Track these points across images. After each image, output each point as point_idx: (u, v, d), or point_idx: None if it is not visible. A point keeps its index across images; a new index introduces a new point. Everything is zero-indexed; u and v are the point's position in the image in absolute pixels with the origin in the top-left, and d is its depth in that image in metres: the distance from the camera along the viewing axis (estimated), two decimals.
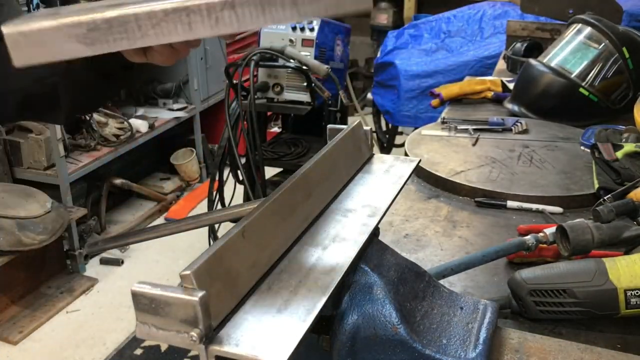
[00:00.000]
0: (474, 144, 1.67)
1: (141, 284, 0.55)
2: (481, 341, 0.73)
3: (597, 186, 1.33)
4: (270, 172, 3.02)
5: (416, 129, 1.81)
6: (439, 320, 0.76)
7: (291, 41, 2.89)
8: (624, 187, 1.16)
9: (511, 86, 2.06)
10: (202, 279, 0.55)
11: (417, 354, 0.70)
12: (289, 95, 2.92)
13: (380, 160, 0.95)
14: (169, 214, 4.05)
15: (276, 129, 4.37)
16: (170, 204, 4.15)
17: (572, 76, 1.83)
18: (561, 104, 1.85)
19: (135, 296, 0.55)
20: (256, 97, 2.83)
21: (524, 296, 0.94)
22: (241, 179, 2.85)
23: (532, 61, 1.94)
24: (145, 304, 0.55)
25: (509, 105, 1.97)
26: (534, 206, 1.33)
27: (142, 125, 3.76)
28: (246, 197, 2.85)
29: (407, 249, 1.19)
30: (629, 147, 1.42)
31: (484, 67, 3.45)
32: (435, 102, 2.13)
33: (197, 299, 0.52)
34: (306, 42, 2.90)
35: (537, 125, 1.80)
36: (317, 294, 0.61)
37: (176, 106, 4.18)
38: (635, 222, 1.02)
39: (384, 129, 4.25)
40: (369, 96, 4.48)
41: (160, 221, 4.01)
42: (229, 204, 3.01)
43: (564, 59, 1.87)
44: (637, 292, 0.89)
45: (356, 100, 5.14)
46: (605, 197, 1.12)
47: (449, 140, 1.69)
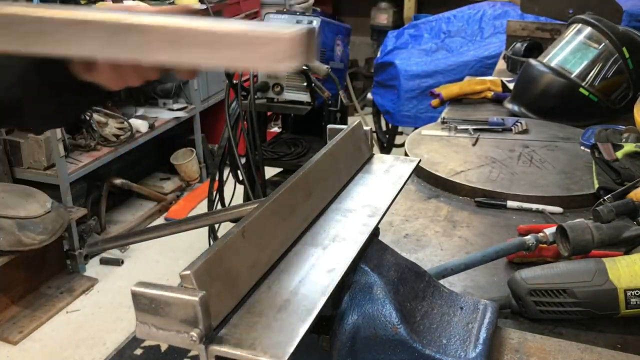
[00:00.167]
0: (474, 144, 1.67)
1: (141, 284, 0.55)
2: (481, 341, 0.73)
3: (597, 186, 1.33)
4: (270, 172, 3.02)
5: (416, 129, 1.81)
6: (439, 320, 0.76)
7: None
8: (624, 187, 1.16)
9: (511, 86, 2.06)
10: (202, 279, 0.55)
11: (417, 354, 0.70)
12: (289, 95, 2.92)
13: (380, 160, 0.95)
14: (169, 214, 4.06)
15: (276, 129, 4.37)
16: (170, 204, 4.15)
17: (572, 76, 1.83)
18: (561, 104, 1.85)
19: (135, 296, 0.55)
20: (256, 97, 2.83)
21: (524, 296, 0.94)
22: (241, 179, 2.86)
23: (532, 61, 1.94)
24: (145, 304, 0.55)
25: (509, 105, 1.97)
26: (534, 206, 1.33)
27: (142, 125, 3.76)
28: (246, 197, 2.85)
29: (407, 249, 1.19)
30: (629, 147, 1.42)
31: (484, 67, 3.45)
32: (435, 102, 2.13)
33: (197, 299, 0.52)
34: None
35: (537, 125, 1.80)
36: (317, 294, 0.61)
37: (176, 106, 4.18)
38: (635, 222, 1.02)
39: (384, 129, 4.25)
40: (369, 96, 4.48)
41: (160, 221, 4.01)
42: (229, 204, 3.01)
43: (564, 59, 1.87)
44: (637, 292, 0.89)
45: (356, 100, 5.14)
46: (605, 197, 1.12)
47: (449, 140, 1.69)
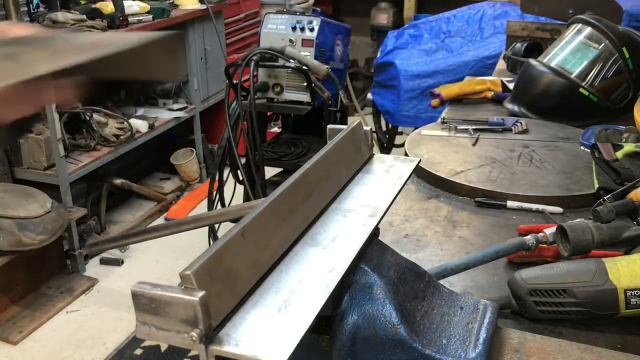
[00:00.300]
0: (474, 144, 1.67)
1: (141, 284, 0.55)
2: (481, 341, 0.73)
3: (597, 186, 1.33)
4: (270, 172, 3.02)
5: (416, 129, 1.81)
6: (439, 320, 0.76)
7: (291, 41, 2.89)
8: (624, 187, 1.16)
9: (511, 86, 2.06)
10: (202, 279, 0.55)
11: (417, 354, 0.70)
12: (289, 95, 2.92)
13: (380, 160, 0.95)
14: (169, 214, 4.06)
15: (276, 129, 4.37)
16: (170, 204, 4.15)
17: (572, 76, 1.83)
18: (561, 104, 1.85)
19: (135, 296, 0.55)
20: (256, 97, 2.83)
21: (524, 296, 0.94)
22: (241, 179, 2.86)
23: (532, 61, 1.94)
24: (145, 304, 0.55)
25: (509, 105, 1.97)
26: (534, 206, 1.33)
27: (142, 125, 3.76)
28: (246, 197, 2.85)
29: (407, 249, 1.19)
30: (629, 147, 1.42)
31: (484, 67, 3.45)
32: (435, 102, 2.13)
33: (197, 299, 0.52)
34: (306, 42, 2.90)
35: (537, 125, 1.80)
36: (317, 294, 0.61)
37: (176, 106, 4.18)
38: (635, 222, 1.02)
39: (384, 129, 4.25)
40: (369, 96, 4.48)
41: (160, 221, 4.01)
42: (229, 204, 3.01)
43: (564, 59, 1.87)
44: (637, 292, 0.89)
45: (356, 100, 5.14)
46: (605, 197, 1.12)
47: (449, 140, 1.69)
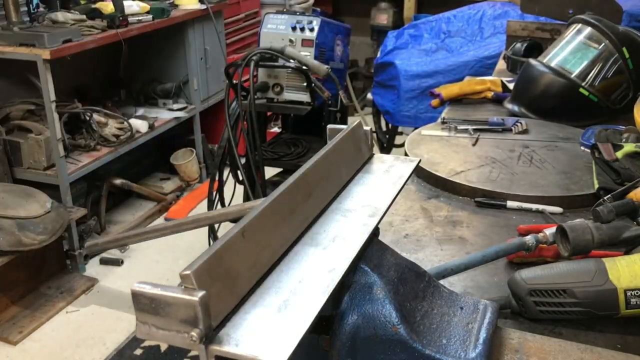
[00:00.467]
0: (474, 144, 1.67)
1: (141, 284, 0.55)
2: (481, 341, 0.73)
3: (597, 186, 1.33)
4: (270, 172, 3.02)
5: (416, 129, 1.81)
6: (439, 320, 0.76)
7: (291, 41, 2.89)
8: (624, 187, 1.16)
9: (511, 86, 2.06)
10: (202, 279, 0.55)
11: (417, 354, 0.70)
12: (289, 95, 2.92)
13: (380, 160, 0.95)
14: (169, 214, 4.05)
15: (276, 129, 4.37)
16: (170, 204, 4.15)
17: (572, 76, 1.83)
18: (561, 104, 1.85)
19: (135, 296, 0.55)
20: (256, 97, 2.83)
21: (524, 296, 0.94)
22: (241, 179, 2.85)
23: (532, 61, 1.94)
24: (145, 303, 0.55)
25: (509, 105, 1.97)
26: (534, 206, 1.33)
27: (142, 125, 3.76)
28: (246, 197, 2.85)
29: (407, 249, 1.19)
30: (629, 147, 1.42)
31: (484, 67, 3.45)
32: (435, 102, 2.13)
33: (197, 299, 0.52)
34: (306, 42, 2.90)
35: (537, 125, 1.80)
36: (317, 294, 0.61)
37: (176, 106, 4.18)
38: (635, 222, 1.02)
39: (384, 129, 4.25)
40: (369, 96, 4.48)
41: (160, 221, 4.01)
42: (229, 204, 3.01)
43: (564, 59, 1.87)
44: (637, 292, 0.89)
45: (356, 100, 5.14)
46: (605, 197, 1.12)
47: (449, 140, 1.69)
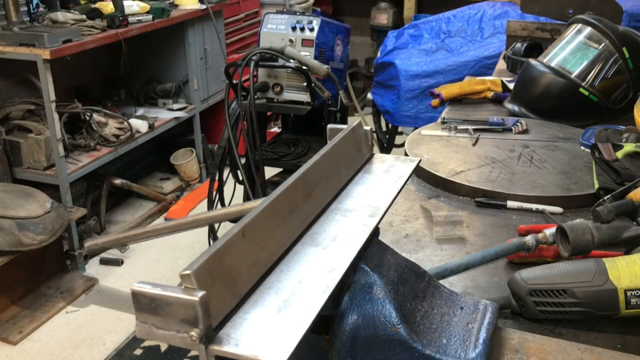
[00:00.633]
0: (474, 144, 1.67)
1: (141, 283, 0.55)
2: (481, 341, 0.73)
3: (597, 186, 1.33)
4: (270, 172, 3.02)
5: (416, 129, 1.81)
6: (439, 320, 0.76)
7: (291, 41, 2.89)
8: (624, 187, 1.16)
9: (511, 86, 2.06)
10: (203, 279, 0.55)
11: (417, 354, 0.70)
12: (289, 95, 2.92)
13: (380, 160, 0.95)
14: (169, 214, 4.05)
15: (276, 129, 4.37)
16: (170, 204, 4.15)
17: (572, 76, 1.83)
18: (561, 104, 1.85)
19: (135, 296, 0.55)
20: (256, 97, 2.83)
21: (524, 296, 0.94)
22: (241, 179, 2.86)
23: (532, 61, 1.94)
24: (145, 303, 0.55)
25: (509, 105, 1.97)
26: (534, 206, 1.33)
27: (142, 125, 3.76)
28: (246, 197, 2.85)
29: (407, 249, 1.19)
30: (629, 147, 1.42)
31: (484, 67, 3.45)
32: (435, 102, 2.13)
33: (197, 298, 0.52)
34: (306, 42, 2.90)
35: (537, 125, 1.80)
36: (317, 293, 0.61)
37: (176, 106, 4.18)
38: (635, 222, 1.02)
39: (384, 129, 4.24)
40: (369, 96, 4.48)
41: (160, 221, 4.01)
42: (229, 204, 3.01)
43: (564, 59, 1.87)
44: (637, 292, 0.89)
45: (356, 100, 5.13)
46: (605, 197, 1.12)
47: (449, 140, 1.69)
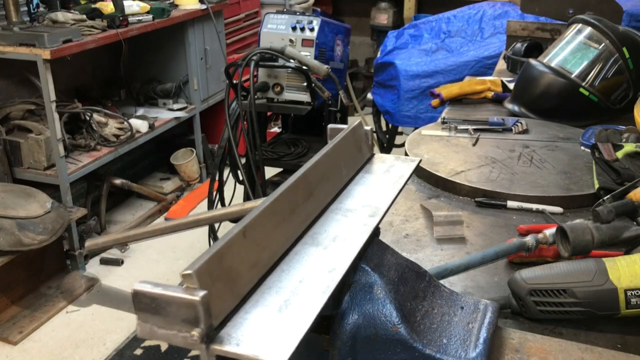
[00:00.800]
0: (474, 144, 1.67)
1: (142, 283, 0.55)
2: (481, 341, 0.73)
3: (597, 186, 1.33)
4: (270, 172, 3.02)
5: (416, 129, 1.81)
6: (440, 320, 0.76)
7: (291, 41, 2.89)
8: (624, 187, 1.16)
9: (511, 86, 2.06)
10: (204, 279, 0.55)
11: (417, 354, 0.70)
12: (289, 95, 2.92)
13: (380, 160, 0.95)
14: (169, 214, 4.05)
15: (276, 129, 4.37)
16: (170, 204, 4.15)
17: (572, 76, 1.83)
18: (561, 104, 1.85)
19: (136, 295, 0.55)
20: (256, 97, 2.83)
21: (524, 296, 0.94)
22: (241, 179, 2.86)
23: (532, 61, 1.94)
24: (146, 303, 0.55)
25: (509, 105, 1.97)
26: (534, 206, 1.33)
27: (142, 125, 3.76)
28: (246, 197, 2.85)
29: (407, 249, 1.19)
30: (629, 147, 1.42)
31: (484, 67, 3.45)
32: (435, 102, 2.13)
33: (198, 298, 0.52)
34: (306, 42, 2.90)
35: (537, 125, 1.80)
36: (318, 293, 0.61)
37: (176, 106, 4.18)
38: (635, 222, 1.02)
39: (384, 129, 4.25)
40: (369, 96, 4.48)
41: (160, 221, 4.01)
42: (229, 204, 3.01)
43: (564, 59, 1.87)
44: (637, 292, 0.89)
45: (356, 100, 5.14)
46: (605, 197, 1.12)
47: (449, 140, 1.70)
